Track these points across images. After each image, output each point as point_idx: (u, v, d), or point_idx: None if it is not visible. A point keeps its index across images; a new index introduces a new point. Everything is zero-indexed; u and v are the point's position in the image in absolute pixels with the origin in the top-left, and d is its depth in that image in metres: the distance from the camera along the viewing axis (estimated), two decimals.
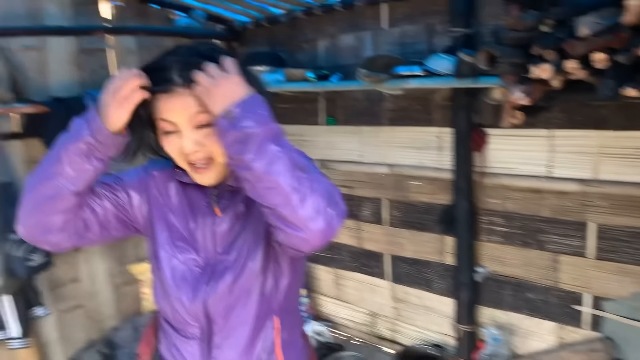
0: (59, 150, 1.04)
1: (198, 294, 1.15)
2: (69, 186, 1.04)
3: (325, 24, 2.98)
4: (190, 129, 1.04)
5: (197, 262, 1.17)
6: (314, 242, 0.95)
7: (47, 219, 1.07)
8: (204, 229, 1.17)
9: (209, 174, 1.10)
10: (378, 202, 2.96)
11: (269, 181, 0.92)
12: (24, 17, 2.76)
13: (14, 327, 2.63)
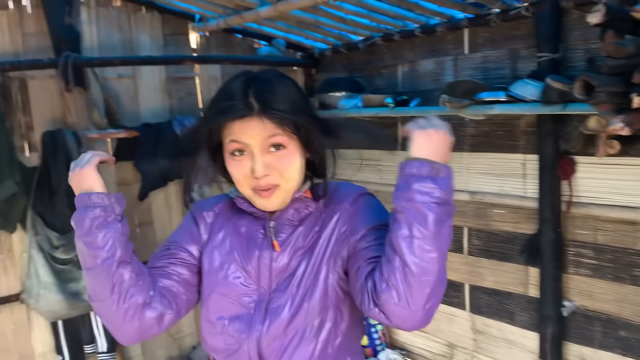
0: (82, 254, 1.04)
1: (252, 333, 1.08)
2: (108, 259, 1.01)
3: (405, 49, 2.97)
4: (261, 152, 1.04)
5: (251, 298, 1.10)
6: (415, 323, 0.94)
7: (129, 308, 1.03)
8: (259, 263, 1.11)
9: (273, 200, 1.08)
10: (458, 230, 2.88)
11: (432, 245, 0.91)
12: (120, 48, 2.95)
13: (102, 342, 2.76)
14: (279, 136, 1.04)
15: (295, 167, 1.08)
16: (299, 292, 1.07)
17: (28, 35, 2.68)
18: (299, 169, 1.09)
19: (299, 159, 1.08)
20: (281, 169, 1.05)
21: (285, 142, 1.05)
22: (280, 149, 1.05)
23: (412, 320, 0.93)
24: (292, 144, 1.06)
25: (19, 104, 2.68)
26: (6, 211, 2.52)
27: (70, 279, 2.62)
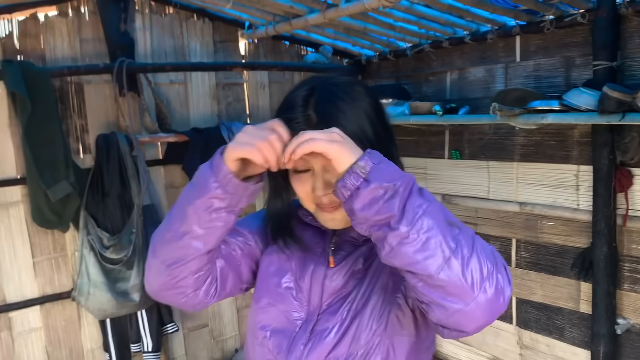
0: (186, 206, 0.92)
1: (291, 352, 1.00)
2: (199, 246, 0.93)
3: (454, 56, 2.93)
4: (323, 169, 0.93)
5: (298, 314, 1.02)
6: (481, 317, 0.78)
7: (177, 282, 0.97)
8: (312, 279, 1.03)
9: (337, 216, 0.97)
10: (505, 241, 2.81)
11: (420, 242, 0.76)
12: (171, 54, 3.02)
13: (148, 342, 2.81)
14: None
15: None
16: (347, 317, 0.97)
17: (85, 42, 2.78)
18: None
19: None
20: None
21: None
22: None
23: (473, 308, 0.77)
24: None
25: (75, 108, 2.77)
26: (60, 211, 2.60)
27: (119, 278, 2.69)
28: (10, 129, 2.62)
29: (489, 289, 0.76)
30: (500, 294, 0.78)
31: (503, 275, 0.79)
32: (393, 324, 0.96)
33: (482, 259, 0.77)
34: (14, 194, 2.65)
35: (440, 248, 0.76)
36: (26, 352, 2.76)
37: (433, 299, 0.79)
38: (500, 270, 0.79)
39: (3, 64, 2.42)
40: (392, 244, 0.77)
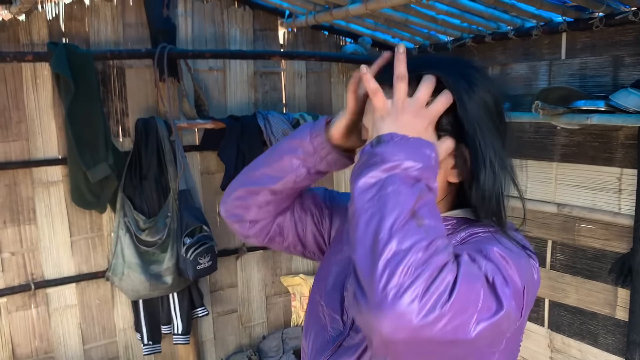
0: (279, 144, 1.01)
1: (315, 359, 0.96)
2: (267, 181, 1.00)
3: (496, 51, 2.87)
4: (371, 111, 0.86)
5: (338, 323, 0.95)
6: (379, 328, 0.65)
7: (243, 206, 1.04)
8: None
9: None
10: (541, 242, 2.76)
11: (357, 217, 0.71)
12: (211, 41, 3.03)
13: (178, 324, 2.86)
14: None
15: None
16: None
17: (128, 26, 2.82)
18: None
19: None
20: None
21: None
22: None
23: (374, 315, 0.65)
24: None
25: (116, 91, 2.82)
26: (98, 192, 2.66)
27: (153, 261, 2.74)
28: (54, 109, 2.68)
29: (402, 304, 0.63)
30: (408, 317, 0.63)
31: (438, 304, 0.64)
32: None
33: (416, 265, 0.65)
34: (55, 173, 2.72)
35: (375, 228, 0.69)
36: (61, 328, 2.84)
37: (354, 289, 0.70)
38: (438, 295, 0.65)
39: (49, 46, 2.48)
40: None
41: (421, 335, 0.64)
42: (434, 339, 0.65)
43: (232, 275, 3.30)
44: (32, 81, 2.63)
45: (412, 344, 0.66)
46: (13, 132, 2.62)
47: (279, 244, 1.11)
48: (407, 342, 0.65)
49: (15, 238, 2.68)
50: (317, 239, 1.11)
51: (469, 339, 0.67)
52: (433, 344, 0.66)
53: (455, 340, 0.66)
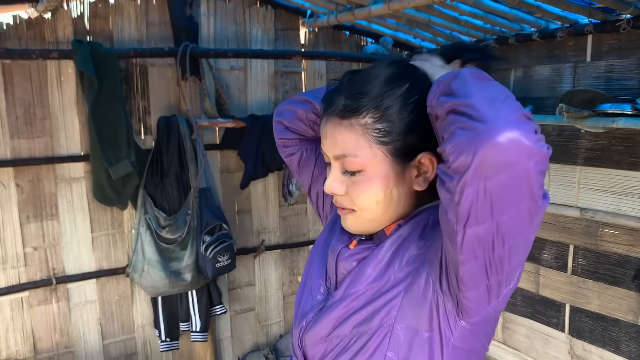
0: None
1: (298, 324, 1.01)
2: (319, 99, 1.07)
3: (520, 53, 2.84)
4: (337, 168, 0.93)
5: (323, 288, 1.02)
6: (495, 141, 0.69)
7: (289, 110, 1.20)
8: (330, 254, 1.03)
9: (348, 222, 0.97)
10: (562, 247, 2.72)
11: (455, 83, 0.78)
12: (233, 40, 3.04)
13: (196, 321, 2.87)
14: (351, 159, 0.89)
15: (371, 198, 0.91)
16: (347, 297, 0.96)
17: (151, 25, 2.84)
18: (380, 200, 0.92)
19: (380, 190, 0.91)
20: (352, 195, 0.92)
21: (362, 166, 0.90)
22: (355, 174, 0.91)
23: (493, 133, 0.69)
24: (375, 169, 0.90)
25: (138, 89, 2.84)
26: (120, 189, 2.69)
27: (173, 258, 2.76)
28: (77, 107, 2.71)
29: (514, 123, 0.69)
30: (525, 134, 0.69)
31: (536, 129, 0.72)
32: (406, 312, 0.88)
33: (512, 102, 0.74)
34: (78, 170, 2.75)
35: (471, 84, 0.76)
36: (81, 323, 2.87)
37: (460, 123, 0.73)
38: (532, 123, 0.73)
39: (74, 44, 2.50)
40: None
41: (527, 159, 0.70)
42: (529, 171, 0.71)
43: (250, 274, 3.31)
44: (57, 78, 2.66)
45: (510, 169, 0.70)
46: (37, 128, 2.65)
47: (293, 170, 1.27)
48: (508, 163, 0.70)
49: (37, 233, 2.71)
50: (319, 192, 1.22)
51: (539, 203, 0.75)
52: (523, 181, 0.71)
53: (534, 188, 0.73)
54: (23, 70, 2.58)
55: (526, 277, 2.92)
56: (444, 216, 0.78)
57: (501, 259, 0.79)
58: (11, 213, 2.64)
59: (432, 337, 0.87)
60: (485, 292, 0.83)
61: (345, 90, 0.91)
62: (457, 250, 0.78)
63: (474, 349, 0.91)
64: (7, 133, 2.58)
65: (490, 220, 0.74)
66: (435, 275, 0.87)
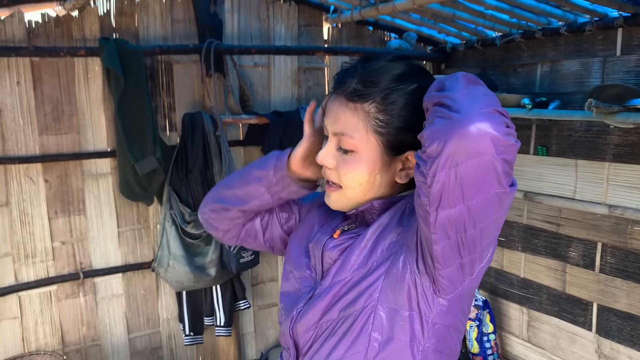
0: (248, 169, 1.18)
1: (289, 315, 1.06)
2: (237, 202, 1.17)
3: (546, 47, 2.80)
4: (333, 142, 1.01)
5: (308, 281, 1.08)
6: (468, 128, 0.76)
7: (216, 218, 1.22)
8: (315, 246, 1.08)
9: (332, 197, 1.05)
10: (590, 245, 2.68)
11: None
12: (257, 37, 3.05)
13: (221, 316, 2.90)
14: (347, 138, 0.97)
15: (356, 179, 0.99)
16: (340, 283, 1.02)
17: (176, 22, 2.86)
18: (363, 182, 1.00)
19: (365, 173, 0.99)
20: (340, 172, 1.00)
21: (355, 147, 0.97)
22: (347, 153, 0.99)
23: (463, 121, 0.77)
24: (366, 153, 0.97)
25: (163, 86, 2.87)
26: (146, 184, 2.71)
27: (197, 253, 2.78)
28: (104, 103, 2.75)
29: (484, 116, 0.78)
30: (494, 125, 0.77)
31: (507, 123, 0.81)
32: (387, 293, 0.95)
33: (487, 96, 0.83)
34: (104, 166, 2.79)
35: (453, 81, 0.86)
36: (107, 316, 2.92)
37: (437, 112, 0.82)
38: (505, 117, 0.82)
39: (100, 41, 2.54)
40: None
41: (494, 149, 0.77)
42: (496, 160, 0.77)
43: (272, 270, 3.32)
44: (84, 76, 2.70)
45: (478, 156, 0.77)
46: (65, 125, 2.69)
47: (250, 244, 1.29)
48: (476, 151, 0.76)
49: (65, 228, 2.76)
50: (285, 240, 1.26)
51: (507, 189, 0.82)
52: (490, 169, 0.78)
53: (501, 176, 0.80)
54: (51, 68, 2.63)
55: (552, 274, 2.88)
56: (418, 199, 0.85)
57: (473, 240, 0.86)
58: (40, 208, 2.68)
59: (412, 316, 0.94)
60: (460, 270, 0.90)
61: (359, 75, 0.97)
62: (430, 230, 0.84)
63: (451, 324, 0.98)
64: (36, 130, 2.63)
65: (461, 204, 0.81)
66: (412, 257, 0.94)
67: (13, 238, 2.64)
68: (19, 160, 2.59)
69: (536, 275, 2.97)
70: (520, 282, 3.07)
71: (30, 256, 2.68)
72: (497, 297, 3.23)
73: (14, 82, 2.55)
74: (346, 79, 0.98)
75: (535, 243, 2.94)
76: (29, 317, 2.72)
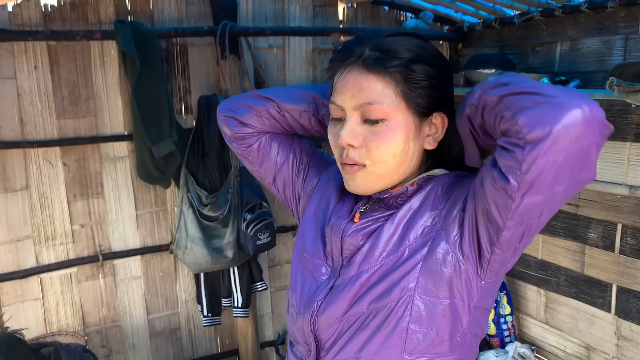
0: (308, 85, 1.19)
1: (308, 308, 0.99)
2: (282, 97, 1.12)
3: (566, 25, 2.74)
4: (354, 118, 0.92)
5: (325, 268, 1.01)
6: (578, 110, 0.73)
7: (245, 106, 1.15)
8: (332, 232, 1.00)
9: (357, 179, 0.95)
10: (610, 226, 2.65)
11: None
12: (271, 18, 3.03)
13: (238, 297, 2.92)
14: (377, 106, 0.89)
15: (390, 149, 0.91)
16: (368, 273, 0.95)
17: (190, 4, 2.84)
18: (398, 153, 0.92)
19: (401, 141, 0.91)
20: (370, 146, 0.91)
21: (386, 115, 0.90)
22: (378, 123, 0.90)
23: (566, 109, 0.74)
24: (399, 118, 0.91)
25: (179, 69, 2.86)
26: (163, 167, 2.72)
27: (215, 235, 2.80)
28: (120, 87, 2.75)
29: (580, 102, 0.74)
30: (591, 109, 0.74)
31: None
32: (425, 283, 0.90)
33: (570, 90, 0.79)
34: (122, 149, 2.81)
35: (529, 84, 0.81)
36: (127, 298, 2.96)
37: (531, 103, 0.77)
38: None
39: (116, 24, 2.53)
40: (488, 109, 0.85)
41: (598, 132, 0.75)
42: (596, 144, 0.76)
43: (289, 251, 3.34)
44: (100, 59, 2.70)
45: (582, 141, 0.74)
46: (82, 108, 2.71)
47: (250, 162, 1.20)
48: (582, 135, 0.73)
49: (84, 211, 2.79)
50: (286, 180, 1.19)
51: (594, 174, 0.81)
52: (586, 153, 0.75)
53: (594, 161, 0.79)
54: (68, 52, 2.63)
55: (570, 256, 2.85)
56: (498, 184, 0.79)
57: (540, 225, 0.83)
58: (59, 191, 2.71)
59: (453, 304, 0.90)
60: (513, 253, 0.88)
61: (373, 43, 0.92)
62: (506, 216, 0.80)
63: (488, 306, 0.96)
64: (53, 113, 2.64)
65: (549, 191, 0.77)
66: (454, 243, 0.89)
67: (33, 221, 2.68)
68: (38, 144, 2.61)
69: (554, 257, 2.95)
70: (538, 264, 3.05)
71: (50, 239, 2.72)
72: (514, 278, 3.22)
73: (32, 66, 2.56)
74: (355, 49, 0.92)
75: (553, 224, 2.91)
76: (51, 298, 2.77)
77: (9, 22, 2.47)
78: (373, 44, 0.91)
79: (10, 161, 2.59)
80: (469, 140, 0.93)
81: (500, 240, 0.83)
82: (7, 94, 2.54)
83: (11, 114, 2.56)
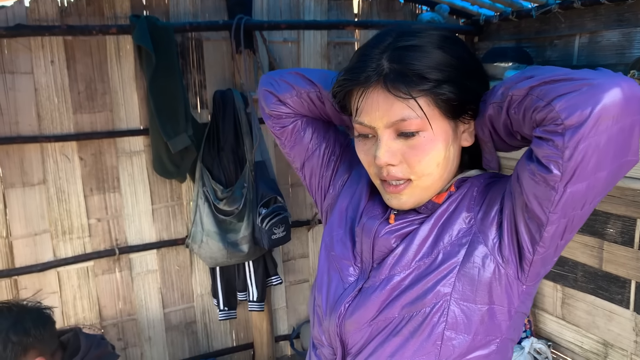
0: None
1: (335, 311, 0.95)
2: (323, 84, 1.05)
3: (585, 18, 2.70)
4: (388, 135, 0.86)
5: (353, 269, 0.97)
6: (620, 98, 0.71)
7: (287, 84, 1.09)
8: (364, 232, 0.96)
9: (404, 198, 0.90)
10: (629, 221, 2.61)
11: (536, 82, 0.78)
12: (286, 12, 3.01)
13: (253, 291, 2.93)
14: (411, 120, 0.84)
15: (433, 160, 0.87)
16: (394, 276, 0.91)
17: None
18: (440, 161, 0.88)
19: (442, 149, 0.87)
20: (411, 161, 0.86)
21: (422, 126, 0.84)
22: (414, 136, 0.85)
23: (603, 88, 0.71)
24: (436, 126, 0.86)
25: (194, 63, 2.86)
26: (179, 162, 2.73)
27: (230, 229, 2.81)
28: (136, 82, 2.76)
29: (618, 80, 0.72)
30: (630, 86, 0.72)
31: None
32: (462, 288, 0.86)
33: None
34: (138, 143, 2.82)
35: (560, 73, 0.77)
36: (143, 291, 2.97)
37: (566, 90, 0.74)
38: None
39: (131, 19, 2.54)
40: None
41: (638, 107, 0.73)
42: (635, 124, 0.74)
43: (303, 246, 3.34)
44: (116, 54, 2.71)
45: (623, 120, 0.72)
46: (98, 103, 2.72)
47: (282, 144, 1.17)
48: (625, 114, 0.72)
49: (101, 205, 2.81)
50: (314, 168, 1.15)
51: (636, 159, 0.78)
52: (629, 134, 0.74)
53: (636, 142, 0.76)
54: (84, 47, 2.64)
55: (588, 252, 2.82)
56: (539, 175, 0.76)
57: (583, 217, 0.81)
58: (75, 185, 2.73)
59: (492, 310, 0.87)
60: (554, 252, 0.84)
61: (390, 56, 0.84)
62: (549, 210, 0.77)
63: (527, 310, 0.92)
64: (70, 108, 2.66)
65: (591, 177, 0.75)
66: (493, 246, 0.86)
67: (50, 215, 2.70)
68: (55, 139, 2.63)
69: (572, 253, 2.92)
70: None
71: (67, 233, 2.74)
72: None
73: (48, 61, 2.58)
74: (370, 65, 0.85)
75: None
76: (68, 292, 2.80)
77: (26, 18, 2.48)
78: (390, 57, 0.84)
79: (28, 156, 2.61)
80: (488, 142, 0.91)
81: (544, 237, 0.80)
82: (25, 89, 2.55)
83: (29, 109, 2.58)
